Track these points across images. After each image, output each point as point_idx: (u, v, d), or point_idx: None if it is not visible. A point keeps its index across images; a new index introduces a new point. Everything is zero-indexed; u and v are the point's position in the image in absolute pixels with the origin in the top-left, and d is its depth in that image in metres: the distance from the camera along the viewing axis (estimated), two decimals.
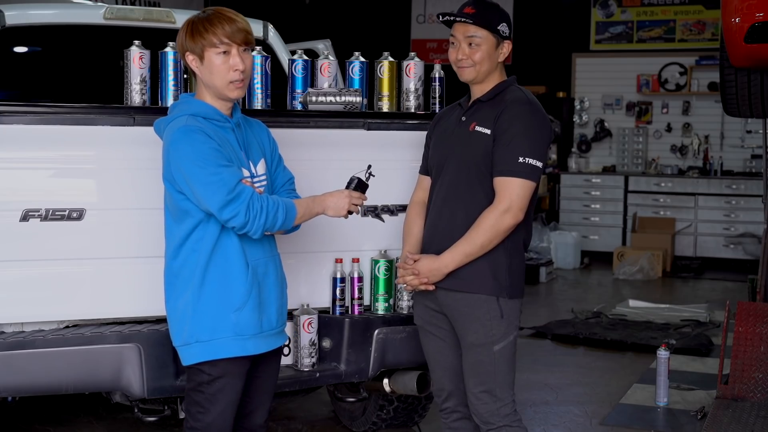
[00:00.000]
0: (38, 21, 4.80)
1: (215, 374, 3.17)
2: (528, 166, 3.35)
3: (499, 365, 3.45)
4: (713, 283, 10.35)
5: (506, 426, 3.48)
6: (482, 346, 3.45)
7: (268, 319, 3.26)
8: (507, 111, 3.40)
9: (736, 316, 5.37)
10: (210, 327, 3.15)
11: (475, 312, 3.43)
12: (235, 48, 3.14)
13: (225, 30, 3.12)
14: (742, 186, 11.06)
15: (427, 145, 3.72)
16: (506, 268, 3.43)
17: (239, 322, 3.17)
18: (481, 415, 3.50)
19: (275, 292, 3.30)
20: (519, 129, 3.37)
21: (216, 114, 3.18)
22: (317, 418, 5.36)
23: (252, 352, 3.21)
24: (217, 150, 3.06)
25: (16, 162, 3.51)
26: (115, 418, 5.18)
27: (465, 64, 3.47)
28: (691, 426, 5.29)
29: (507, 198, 3.35)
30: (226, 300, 3.16)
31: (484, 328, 3.43)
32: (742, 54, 5.07)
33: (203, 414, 3.20)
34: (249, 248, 3.19)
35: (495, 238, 3.37)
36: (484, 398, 3.47)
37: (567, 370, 6.53)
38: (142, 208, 3.60)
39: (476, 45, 3.44)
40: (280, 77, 4.48)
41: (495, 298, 3.42)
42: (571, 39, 12.16)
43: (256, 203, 3.07)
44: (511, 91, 3.50)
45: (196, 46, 3.14)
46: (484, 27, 3.43)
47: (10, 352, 3.47)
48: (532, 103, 3.47)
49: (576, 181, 11.73)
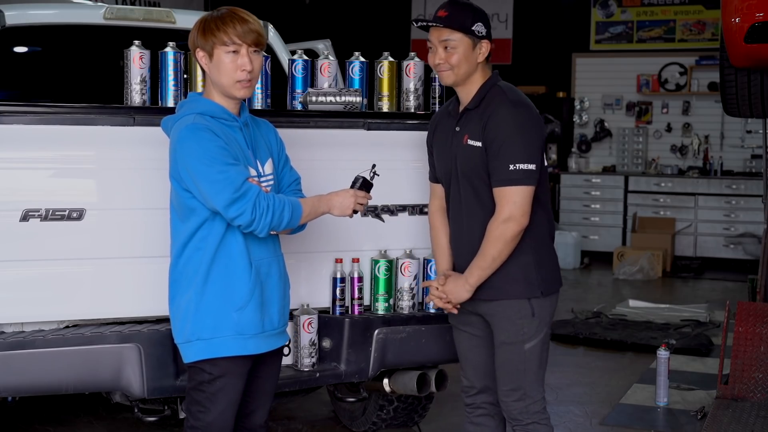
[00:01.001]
0: (38, 21, 4.80)
1: (216, 373, 3.17)
2: (520, 171, 3.33)
3: (529, 363, 3.47)
4: (713, 283, 10.35)
5: (534, 423, 3.50)
6: (513, 345, 3.46)
7: (270, 319, 3.26)
8: (492, 119, 3.37)
9: (736, 316, 5.37)
10: (212, 325, 3.16)
11: (507, 312, 3.45)
12: (244, 48, 3.15)
13: (236, 30, 3.13)
14: (742, 186, 11.06)
15: (430, 153, 3.71)
16: (534, 266, 3.44)
17: (241, 321, 3.17)
18: (510, 413, 3.52)
19: (278, 292, 3.30)
20: (505, 136, 3.34)
21: (224, 113, 3.19)
22: (317, 418, 5.36)
23: (253, 351, 3.21)
24: (224, 148, 3.07)
25: (16, 162, 3.51)
26: (115, 418, 5.18)
27: (443, 68, 3.44)
28: (691, 426, 5.29)
29: (506, 207, 3.35)
30: (228, 299, 3.16)
31: (515, 327, 3.45)
32: (742, 54, 5.07)
33: (204, 413, 3.20)
34: (253, 248, 3.19)
35: (505, 248, 3.37)
36: (514, 396, 3.49)
37: (567, 370, 6.53)
38: (142, 208, 3.61)
39: (452, 48, 3.40)
40: (280, 77, 4.48)
41: (527, 300, 3.44)
42: (571, 39, 12.16)
43: (262, 201, 3.07)
44: (495, 93, 3.44)
45: (206, 43, 3.16)
46: (457, 29, 3.38)
47: (10, 352, 3.46)
48: (516, 103, 3.40)
49: (576, 181, 11.73)
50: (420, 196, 4.03)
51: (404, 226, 4.11)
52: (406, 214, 4.11)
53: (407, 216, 4.12)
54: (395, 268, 4.06)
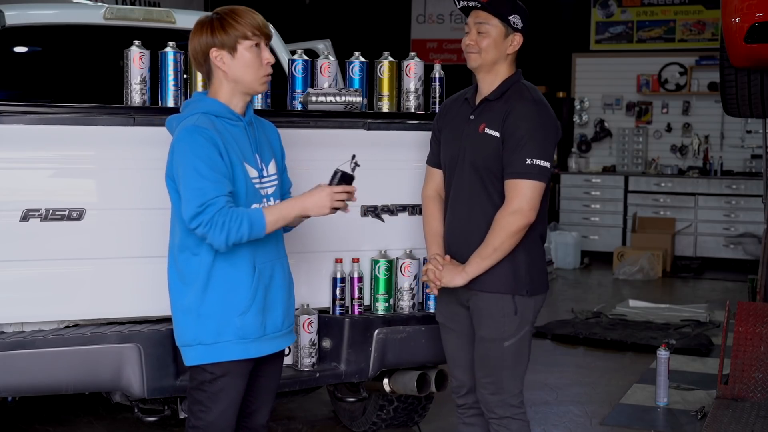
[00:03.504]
0: (38, 21, 4.80)
1: (218, 373, 3.16)
2: (536, 167, 3.37)
3: (506, 360, 3.48)
4: (713, 283, 10.35)
5: (509, 418, 3.51)
6: (492, 341, 3.48)
7: (273, 322, 3.23)
8: (514, 112, 3.41)
9: (736, 316, 5.37)
10: (214, 330, 3.13)
11: (490, 308, 3.47)
12: (263, 41, 3.15)
13: (257, 22, 3.12)
14: (742, 186, 11.06)
15: (436, 138, 3.70)
16: (525, 264, 3.46)
17: (243, 326, 3.14)
18: (487, 404, 3.54)
19: (282, 294, 3.27)
20: (526, 131, 3.38)
21: (228, 112, 3.17)
22: (317, 418, 5.36)
23: (255, 354, 3.20)
24: (213, 159, 3.02)
25: (16, 162, 3.51)
26: (115, 418, 5.18)
27: (472, 50, 3.48)
28: (691, 426, 5.29)
29: (517, 200, 3.37)
30: (230, 303, 3.13)
31: (497, 324, 3.46)
32: (742, 54, 5.07)
33: (205, 413, 3.19)
34: (256, 251, 3.17)
35: (508, 240, 3.39)
36: (490, 388, 3.51)
37: (567, 370, 6.53)
38: (142, 208, 3.61)
39: (485, 32, 3.45)
40: (280, 77, 4.48)
41: (511, 296, 3.45)
42: (571, 39, 12.16)
43: (218, 218, 3.00)
44: (518, 89, 3.50)
45: (228, 38, 3.10)
46: (494, 15, 3.44)
47: (10, 352, 3.46)
48: (538, 102, 3.47)
49: (576, 181, 11.73)
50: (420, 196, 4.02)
51: (404, 226, 4.11)
52: (406, 214, 4.11)
53: (407, 216, 4.12)
54: (395, 268, 4.06)
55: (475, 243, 3.45)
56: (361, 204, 4.01)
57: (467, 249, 3.47)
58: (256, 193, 3.18)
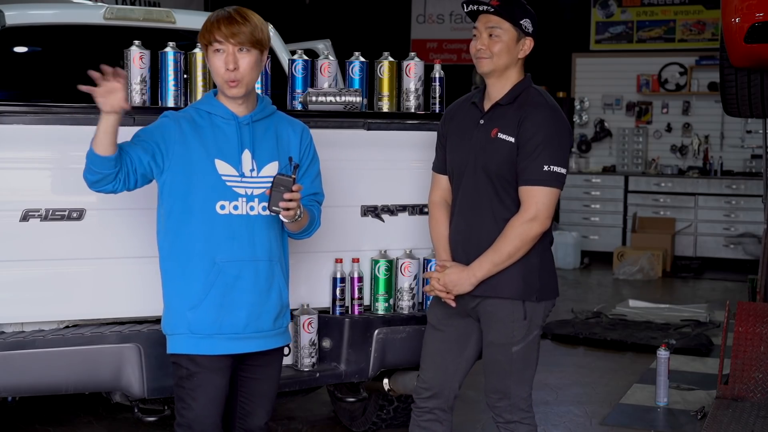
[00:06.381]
0: (38, 21, 4.80)
1: (193, 369, 3.19)
2: (553, 174, 3.34)
3: (515, 365, 3.46)
4: (713, 283, 10.36)
5: (517, 422, 3.50)
6: (501, 346, 3.45)
7: (232, 322, 3.20)
8: (530, 118, 3.36)
9: (736, 316, 5.37)
10: (171, 322, 3.23)
11: (500, 313, 3.43)
12: (230, 47, 3.15)
13: (221, 30, 3.15)
14: (742, 186, 11.06)
15: (441, 144, 3.64)
16: (537, 270, 3.43)
17: (195, 320, 3.18)
18: (494, 409, 3.53)
19: (248, 298, 3.22)
20: (543, 137, 3.34)
21: (221, 111, 3.22)
22: (317, 418, 5.36)
23: (207, 351, 3.18)
24: (153, 130, 3.18)
25: (16, 162, 3.51)
26: (115, 418, 5.18)
27: (483, 55, 3.42)
28: (691, 426, 5.29)
29: (533, 206, 3.34)
30: (184, 296, 3.19)
31: (506, 329, 3.43)
32: (742, 54, 5.08)
33: (186, 410, 3.21)
34: (218, 247, 3.17)
35: (523, 247, 3.36)
36: (498, 394, 3.50)
37: (567, 370, 6.53)
38: (142, 208, 3.60)
39: (496, 36, 3.41)
40: (280, 77, 4.48)
41: (521, 302, 3.42)
42: (571, 39, 12.16)
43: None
44: (531, 94, 3.45)
45: (203, 40, 3.21)
46: (506, 19, 3.40)
47: (10, 352, 3.47)
48: (553, 108, 3.43)
49: (576, 181, 11.72)
50: (420, 196, 4.02)
51: (404, 226, 4.11)
52: (406, 214, 4.11)
53: (407, 216, 4.12)
54: (395, 268, 4.06)
55: (486, 248, 3.40)
56: (361, 204, 4.02)
57: (476, 255, 3.42)
58: (226, 191, 3.18)
